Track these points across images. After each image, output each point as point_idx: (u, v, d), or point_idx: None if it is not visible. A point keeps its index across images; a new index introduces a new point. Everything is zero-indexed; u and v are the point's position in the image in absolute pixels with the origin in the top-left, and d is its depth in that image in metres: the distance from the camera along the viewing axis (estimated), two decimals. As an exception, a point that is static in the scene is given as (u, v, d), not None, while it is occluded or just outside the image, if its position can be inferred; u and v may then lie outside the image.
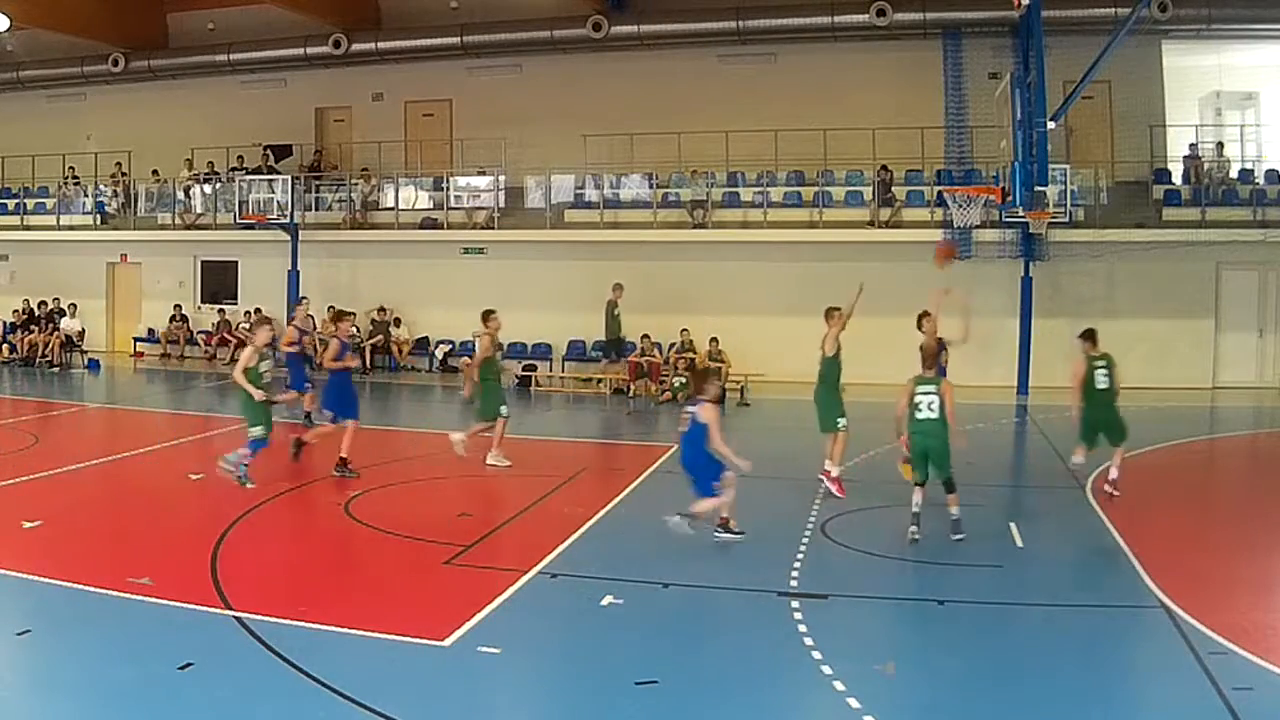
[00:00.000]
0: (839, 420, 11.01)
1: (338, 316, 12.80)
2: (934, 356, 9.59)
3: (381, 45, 24.85)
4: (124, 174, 26.19)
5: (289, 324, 16.28)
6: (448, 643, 6.80)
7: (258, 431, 11.12)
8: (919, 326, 11.50)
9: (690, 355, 20.14)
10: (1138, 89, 20.58)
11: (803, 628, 7.17)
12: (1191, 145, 21.31)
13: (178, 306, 25.55)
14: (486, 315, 12.89)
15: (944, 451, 9.34)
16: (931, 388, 9.37)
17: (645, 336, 20.48)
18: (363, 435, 13.83)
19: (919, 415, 9.36)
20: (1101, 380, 11.44)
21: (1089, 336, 11.77)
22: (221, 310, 25.44)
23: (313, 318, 17.35)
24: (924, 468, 9.40)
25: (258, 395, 11.08)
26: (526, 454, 12.53)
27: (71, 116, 27.68)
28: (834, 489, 11.03)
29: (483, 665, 6.57)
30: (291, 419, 14.78)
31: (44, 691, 6.15)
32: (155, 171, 25.94)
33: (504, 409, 12.65)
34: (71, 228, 26.31)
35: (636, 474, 12.36)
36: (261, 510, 10.38)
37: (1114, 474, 11.15)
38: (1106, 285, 20.54)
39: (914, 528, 9.33)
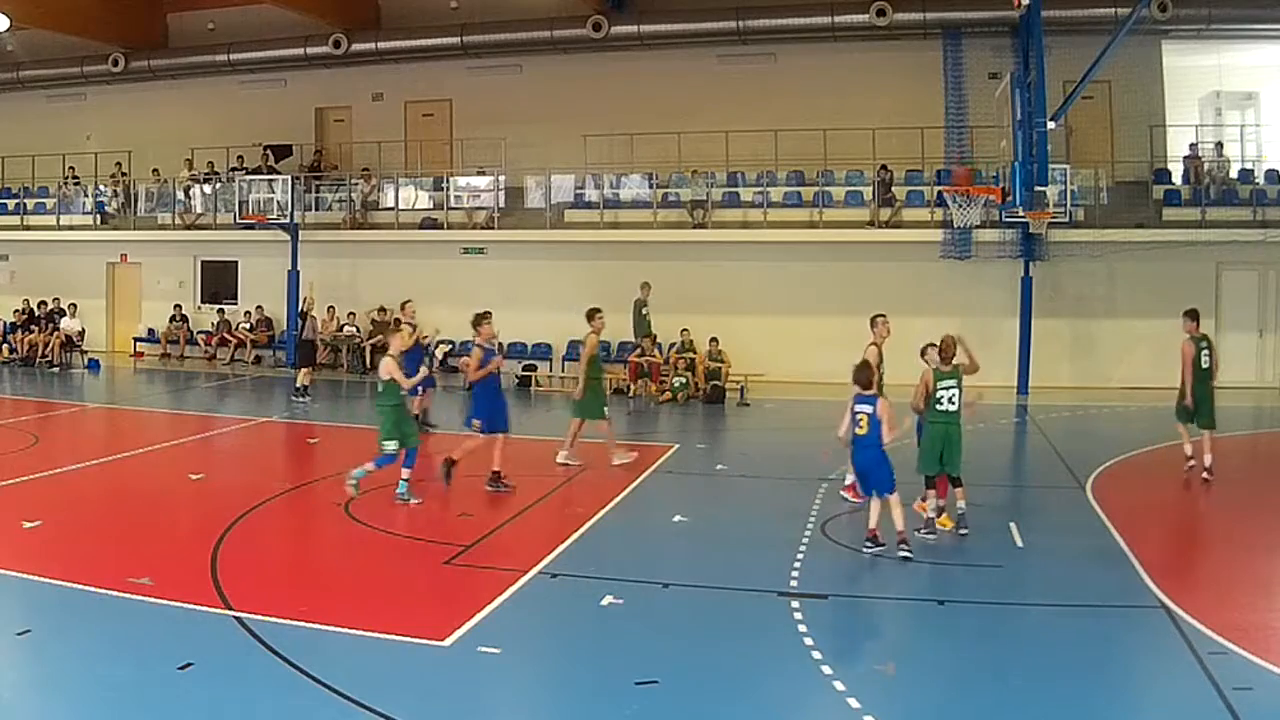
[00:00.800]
0: None
1: (479, 320, 11.47)
2: (954, 352, 9.73)
3: (381, 45, 24.84)
4: (124, 174, 26.19)
5: (401, 323, 15.33)
6: (448, 643, 6.80)
7: (390, 446, 10.44)
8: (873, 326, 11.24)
9: (690, 355, 20.14)
10: (1138, 89, 20.56)
11: (803, 628, 7.17)
12: (1191, 145, 21.30)
13: (178, 306, 25.54)
14: (593, 313, 12.81)
15: (960, 444, 9.55)
16: (952, 381, 9.56)
17: (645, 337, 20.51)
18: (362, 435, 13.78)
19: (939, 407, 9.55)
20: (1204, 360, 11.71)
21: (1193, 316, 11.95)
22: (221, 310, 25.44)
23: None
24: (937, 461, 9.53)
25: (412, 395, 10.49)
26: (527, 454, 12.53)
27: (71, 116, 27.67)
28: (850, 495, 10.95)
29: (483, 665, 6.57)
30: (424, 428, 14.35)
31: (44, 691, 6.15)
32: (155, 171, 25.92)
33: (605, 409, 12.81)
34: (71, 228, 26.31)
35: (636, 474, 12.36)
36: (261, 510, 10.39)
37: (1209, 460, 11.59)
38: (1106, 285, 20.54)
39: (931, 534, 9.47)
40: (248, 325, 24.90)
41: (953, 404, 9.52)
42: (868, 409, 8.93)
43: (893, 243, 20.85)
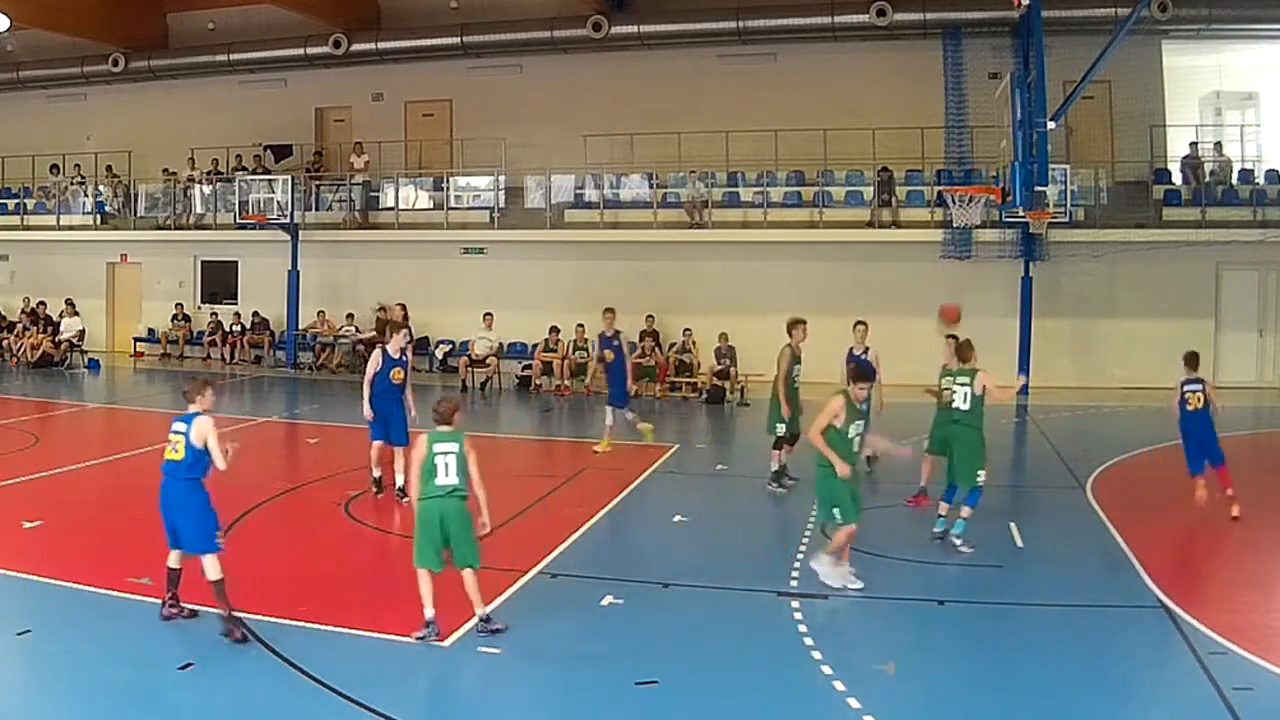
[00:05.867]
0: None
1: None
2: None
3: (381, 45, 24.82)
4: (114, 176, 26.12)
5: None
6: (448, 643, 6.80)
7: (982, 476, 9.24)
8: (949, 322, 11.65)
9: (688, 356, 20.14)
10: (1138, 89, 20.54)
11: (803, 628, 7.18)
12: (1191, 145, 21.29)
13: (179, 306, 25.52)
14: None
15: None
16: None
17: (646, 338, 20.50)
18: (363, 435, 13.75)
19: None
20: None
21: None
22: (214, 313, 25.26)
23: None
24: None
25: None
26: (527, 454, 12.52)
27: (71, 116, 27.66)
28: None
29: (483, 665, 6.57)
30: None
31: (44, 691, 6.15)
32: (166, 170, 25.83)
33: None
34: (71, 228, 26.28)
35: (636, 474, 12.35)
36: (261, 510, 10.38)
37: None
38: (1106, 285, 20.53)
39: None
40: (244, 325, 24.82)
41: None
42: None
43: (893, 243, 20.85)
